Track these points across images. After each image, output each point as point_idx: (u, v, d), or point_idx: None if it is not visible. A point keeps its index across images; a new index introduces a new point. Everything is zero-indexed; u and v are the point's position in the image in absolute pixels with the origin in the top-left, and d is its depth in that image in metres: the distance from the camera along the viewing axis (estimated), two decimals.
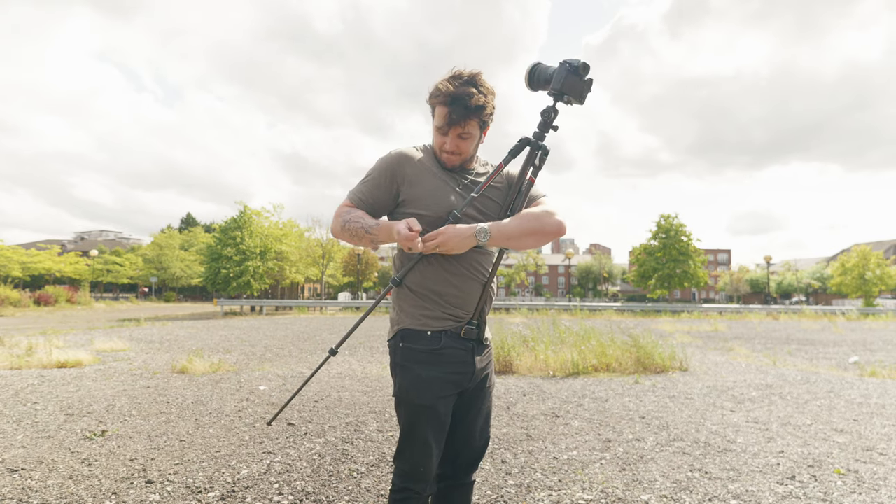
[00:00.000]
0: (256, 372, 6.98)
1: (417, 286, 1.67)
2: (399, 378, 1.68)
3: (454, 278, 1.66)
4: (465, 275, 1.67)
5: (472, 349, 1.71)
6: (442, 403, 1.65)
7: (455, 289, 1.66)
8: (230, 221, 32.38)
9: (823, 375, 7.19)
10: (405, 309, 1.70)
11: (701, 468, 3.26)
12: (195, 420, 4.38)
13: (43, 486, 2.91)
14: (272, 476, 3.10)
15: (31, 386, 5.82)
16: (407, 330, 1.67)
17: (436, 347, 1.64)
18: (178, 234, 60.03)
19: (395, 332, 1.71)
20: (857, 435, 4.09)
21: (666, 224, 39.53)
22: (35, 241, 72.20)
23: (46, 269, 52.19)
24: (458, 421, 1.76)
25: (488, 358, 1.83)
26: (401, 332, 1.69)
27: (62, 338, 11.26)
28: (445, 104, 1.60)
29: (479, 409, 1.80)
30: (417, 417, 1.64)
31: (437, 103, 1.63)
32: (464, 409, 1.77)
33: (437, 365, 1.64)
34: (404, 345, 1.67)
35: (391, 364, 1.73)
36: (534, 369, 7.01)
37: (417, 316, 1.66)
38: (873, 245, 74.28)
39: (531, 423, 4.35)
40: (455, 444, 1.79)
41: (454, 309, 1.67)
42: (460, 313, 1.68)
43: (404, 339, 1.67)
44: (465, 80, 1.62)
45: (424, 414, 1.63)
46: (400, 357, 1.68)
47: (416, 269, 1.67)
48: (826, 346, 11.91)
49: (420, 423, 1.63)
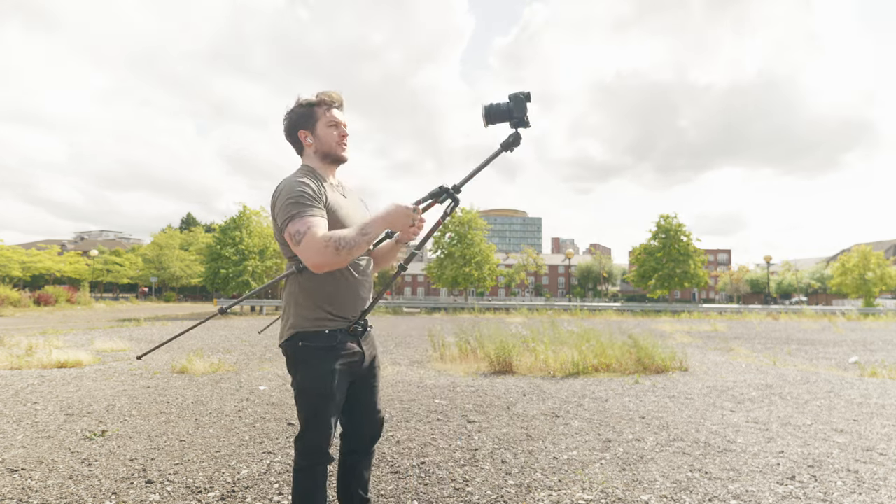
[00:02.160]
0: (256, 372, 6.98)
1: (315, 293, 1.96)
2: (301, 372, 1.94)
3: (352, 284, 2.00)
4: (361, 281, 2.02)
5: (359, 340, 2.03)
6: (339, 390, 1.94)
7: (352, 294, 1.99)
8: (230, 221, 32.38)
9: (823, 375, 7.19)
10: (302, 313, 1.95)
11: (701, 468, 3.26)
12: (195, 420, 4.38)
13: (43, 486, 2.91)
14: (272, 476, 3.10)
15: (31, 386, 5.82)
16: (305, 332, 1.93)
17: (333, 344, 1.93)
18: (178, 233, 59.99)
19: (291, 333, 1.94)
20: (857, 435, 4.08)
21: (665, 224, 39.52)
22: (35, 241, 72.20)
23: (46, 269, 52.17)
24: (356, 401, 2.07)
25: (372, 341, 2.13)
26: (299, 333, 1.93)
27: (62, 338, 11.26)
28: (332, 105, 2.01)
29: (372, 387, 2.11)
30: (323, 403, 1.91)
31: (329, 106, 2.00)
32: (360, 391, 2.07)
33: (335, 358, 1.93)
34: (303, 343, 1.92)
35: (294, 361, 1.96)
36: (534, 369, 7.01)
37: (313, 319, 1.93)
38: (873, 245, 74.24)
39: (531, 423, 4.35)
40: (357, 420, 2.11)
41: (348, 312, 1.98)
42: (350, 316, 1.98)
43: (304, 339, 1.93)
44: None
45: (327, 400, 1.91)
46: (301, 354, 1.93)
47: (320, 276, 1.91)
48: (826, 346, 11.91)
49: (323, 409, 1.91)
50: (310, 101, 1.99)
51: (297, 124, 2.00)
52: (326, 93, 2.00)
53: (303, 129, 2.00)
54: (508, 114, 1.91)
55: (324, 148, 1.99)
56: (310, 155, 2.02)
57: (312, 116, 1.99)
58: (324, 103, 1.99)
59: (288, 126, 2.02)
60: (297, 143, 2.04)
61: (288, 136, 2.04)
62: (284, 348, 1.96)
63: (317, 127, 1.99)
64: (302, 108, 1.99)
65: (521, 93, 1.91)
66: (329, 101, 2.00)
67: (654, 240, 39.81)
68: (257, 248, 31.98)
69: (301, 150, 2.04)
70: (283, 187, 1.86)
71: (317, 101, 1.99)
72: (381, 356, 8.80)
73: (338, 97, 2.02)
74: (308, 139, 2.00)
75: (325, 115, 1.99)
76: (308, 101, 1.99)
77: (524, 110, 1.90)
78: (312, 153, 2.01)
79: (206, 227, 68.55)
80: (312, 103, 1.99)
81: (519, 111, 1.90)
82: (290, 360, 1.96)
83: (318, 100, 1.99)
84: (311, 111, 1.99)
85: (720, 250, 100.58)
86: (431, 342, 8.98)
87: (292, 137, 2.03)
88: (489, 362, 7.24)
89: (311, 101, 1.99)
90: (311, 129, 1.99)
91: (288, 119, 2.01)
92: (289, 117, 2.01)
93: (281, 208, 1.82)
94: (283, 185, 1.87)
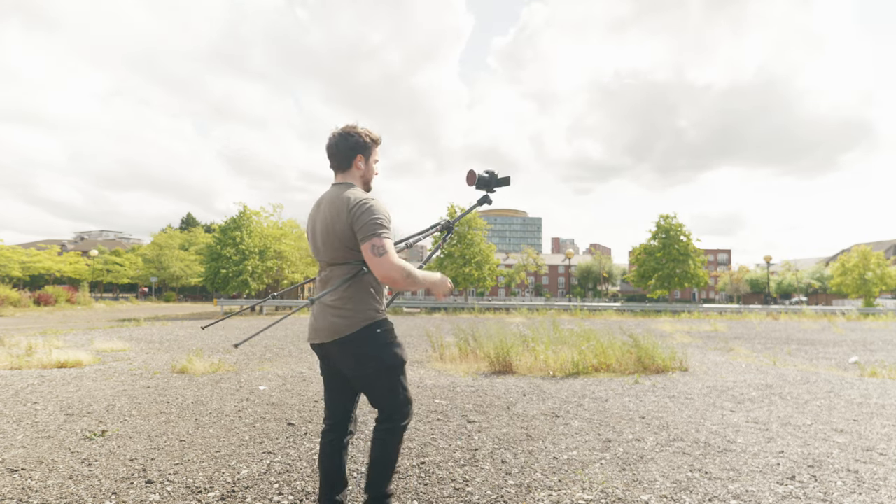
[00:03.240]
0: (256, 372, 6.98)
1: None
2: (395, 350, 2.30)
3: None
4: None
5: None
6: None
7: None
8: (230, 221, 32.37)
9: (823, 375, 7.19)
10: (371, 306, 2.28)
11: (701, 468, 3.26)
12: (195, 420, 4.38)
13: (43, 486, 2.91)
14: (272, 476, 3.10)
15: (31, 386, 5.82)
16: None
17: (392, 328, 2.35)
18: (178, 233, 59.97)
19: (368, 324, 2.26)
20: (857, 435, 4.08)
21: (665, 224, 39.51)
22: (35, 241, 72.18)
23: (46, 269, 52.16)
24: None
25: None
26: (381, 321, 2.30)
27: (62, 338, 11.26)
28: (379, 145, 2.43)
29: None
30: (404, 372, 2.35)
31: (378, 146, 2.41)
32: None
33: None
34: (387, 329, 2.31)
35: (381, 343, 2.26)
36: (534, 369, 7.01)
37: (377, 310, 2.29)
38: (873, 245, 74.25)
39: (531, 423, 4.35)
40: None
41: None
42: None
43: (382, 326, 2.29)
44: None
45: (405, 370, 2.36)
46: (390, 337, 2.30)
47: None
48: (826, 346, 11.91)
49: (405, 377, 2.36)
50: (373, 137, 2.36)
51: (358, 149, 2.31)
52: (377, 134, 2.41)
53: (361, 155, 2.33)
54: (488, 186, 2.62)
55: (367, 177, 2.37)
56: (355, 177, 2.33)
57: (370, 149, 2.35)
58: (378, 143, 2.40)
59: (349, 146, 2.30)
60: (347, 163, 2.32)
61: (343, 153, 2.31)
62: (358, 337, 2.20)
63: (370, 159, 2.36)
64: (367, 139, 2.33)
65: (505, 178, 2.63)
66: (380, 141, 2.42)
67: (653, 240, 39.80)
68: (257, 249, 31.96)
69: (347, 168, 2.32)
70: (371, 204, 2.16)
71: (376, 139, 2.39)
72: None
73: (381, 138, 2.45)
74: (360, 164, 2.33)
75: (376, 151, 2.40)
76: (372, 136, 2.36)
77: (497, 186, 2.64)
78: (358, 177, 2.34)
79: (206, 227, 68.54)
80: (374, 139, 2.37)
81: (496, 186, 2.63)
82: (369, 346, 2.22)
83: (377, 138, 2.39)
84: (371, 145, 2.35)
85: (720, 250, 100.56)
86: (431, 342, 8.98)
87: (346, 156, 2.31)
88: (489, 362, 7.24)
89: (374, 138, 2.37)
90: (366, 157, 2.35)
91: (353, 140, 2.30)
92: (355, 140, 2.30)
93: (368, 223, 2.12)
94: (370, 202, 2.17)
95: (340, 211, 2.17)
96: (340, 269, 2.23)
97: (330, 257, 2.24)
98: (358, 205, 2.14)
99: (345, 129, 2.32)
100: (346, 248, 2.19)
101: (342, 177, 2.32)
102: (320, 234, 2.26)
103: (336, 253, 2.22)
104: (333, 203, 2.22)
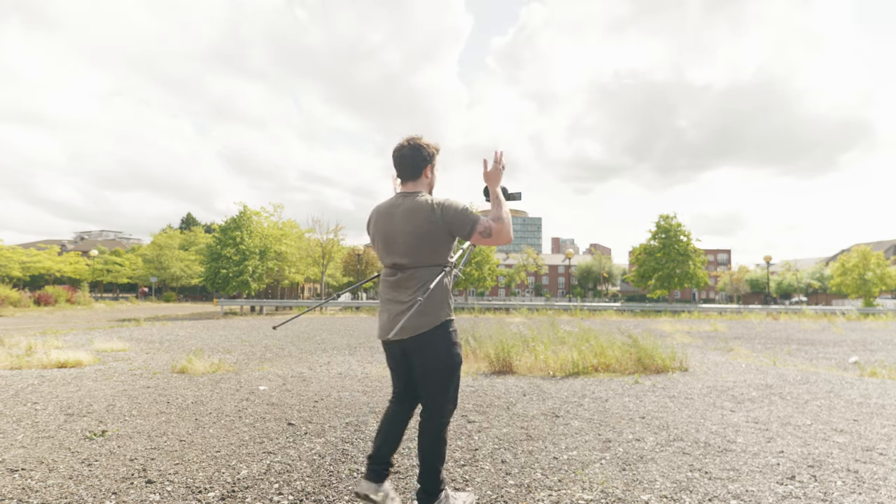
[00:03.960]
0: (256, 372, 6.98)
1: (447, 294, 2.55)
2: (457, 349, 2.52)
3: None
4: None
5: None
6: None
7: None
8: (230, 221, 32.36)
9: (823, 375, 7.19)
10: (448, 304, 2.51)
11: (701, 468, 3.26)
12: (195, 420, 4.38)
13: (43, 486, 2.91)
14: (272, 476, 3.10)
15: (31, 386, 5.82)
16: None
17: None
18: (177, 233, 59.95)
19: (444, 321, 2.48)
20: (857, 435, 4.08)
21: (665, 224, 39.52)
22: (35, 241, 72.15)
23: (46, 269, 52.17)
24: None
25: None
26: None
27: (62, 338, 11.26)
28: (439, 153, 2.66)
29: None
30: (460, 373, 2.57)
31: (438, 154, 2.63)
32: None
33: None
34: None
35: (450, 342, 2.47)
36: (534, 369, 7.01)
37: (450, 309, 2.52)
38: (873, 245, 74.24)
39: (531, 423, 4.35)
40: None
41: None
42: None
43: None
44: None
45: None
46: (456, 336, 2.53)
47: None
48: (826, 346, 11.91)
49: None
50: (437, 148, 2.63)
51: (428, 160, 2.57)
52: (438, 145, 2.66)
53: (430, 166, 2.58)
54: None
55: (432, 184, 2.63)
56: (423, 185, 2.58)
57: (434, 159, 2.62)
58: (438, 152, 2.65)
59: (423, 157, 2.54)
60: (418, 173, 2.56)
61: (415, 163, 2.54)
62: (433, 334, 2.42)
63: (435, 169, 2.64)
64: (432, 149, 2.59)
65: (516, 193, 2.89)
66: (440, 150, 2.68)
67: (653, 240, 39.81)
68: (258, 249, 31.96)
69: (416, 178, 2.56)
70: (451, 201, 2.44)
71: (438, 149, 2.64)
72: (381, 356, 8.81)
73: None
74: (428, 174, 2.59)
75: (438, 163, 2.67)
76: (436, 147, 2.62)
77: (508, 200, 2.82)
78: (426, 185, 2.58)
79: (206, 227, 68.53)
80: (437, 150, 2.63)
81: (507, 200, 2.79)
82: (441, 343, 2.44)
83: (439, 148, 2.65)
84: (435, 155, 2.62)
85: (720, 250, 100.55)
86: None
87: (418, 167, 2.55)
88: (489, 362, 7.24)
89: (437, 148, 2.63)
90: (433, 168, 2.61)
91: (426, 152, 2.55)
92: (425, 152, 2.55)
93: (463, 218, 2.41)
94: (448, 200, 2.45)
95: (427, 217, 2.40)
96: (424, 272, 2.43)
97: (413, 261, 2.44)
98: (444, 207, 2.41)
99: (414, 142, 2.54)
100: (432, 251, 2.44)
101: (413, 186, 2.55)
102: (408, 238, 2.43)
103: (422, 257, 2.43)
104: (415, 211, 2.43)
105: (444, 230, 2.40)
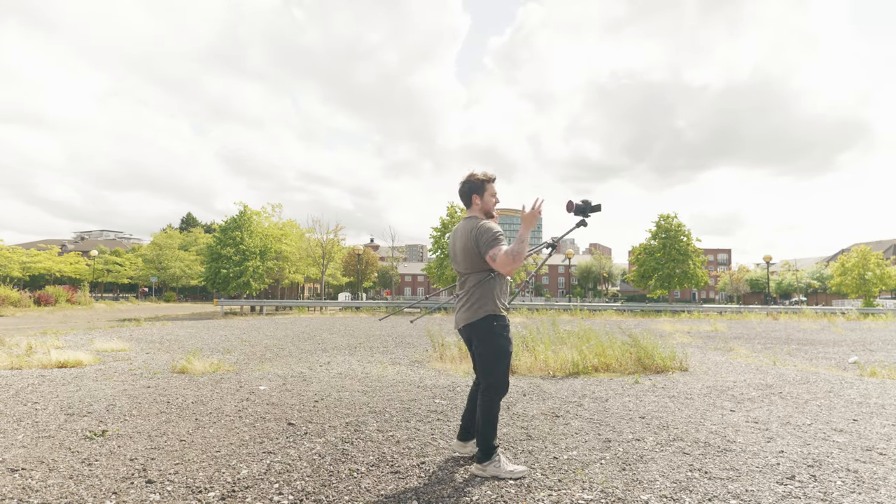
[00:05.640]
0: (256, 372, 6.98)
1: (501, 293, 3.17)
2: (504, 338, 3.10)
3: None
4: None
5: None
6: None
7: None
8: (230, 221, 32.36)
9: (823, 375, 7.19)
10: (494, 302, 3.11)
11: (701, 468, 3.26)
12: (195, 420, 4.38)
13: (43, 486, 2.91)
14: (272, 476, 3.10)
15: (31, 386, 5.82)
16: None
17: (508, 324, 3.18)
18: (177, 234, 59.95)
19: (486, 315, 3.08)
20: (857, 435, 4.09)
21: (665, 224, 39.51)
22: (35, 241, 72.16)
23: (46, 269, 52.17)
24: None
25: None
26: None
27: (62, 338, 11.26)
28: (494, 181, 3.24)
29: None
30: (508, 358, 3.12)
31: (492, 182, 3.22)
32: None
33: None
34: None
35: (493, 332, 3.06)
36: (534, 369, 7.01)
37: (498, 307, 3.12)
38: (873, 245, 74.26)
39: (531, 423, 4.35)
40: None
41: (505, 303, 3.22)
42: (507, 305, 3.24)
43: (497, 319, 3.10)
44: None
45: (510, 357, 3.13)
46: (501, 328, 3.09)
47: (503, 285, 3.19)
48: (826, 345, 11.91)
49: (508, 362, 3.13)
50: (485, 177, 3.17)
51: (473, 190, 3.17)
52: (490, 173, 3.20)
53: (476, 194, 3.17)
54: (583, 212, 3.32)
55: (485, 209, 3.18)
56: (475, 210, 3.18)
57: (482, 187, 3.17)
58: (490, 180, 3.19)
59: (467, 190, 3.18)
60: (469, 201, 3.20)
61: (465, 195, 3.20)
62: (479, 324, 3.05)
63: (484, 195, 3.18)
64: (478, 180, 3.16)
65: (597, 205, 3.31)
66: (493, 178, 3.21)
67: (653, 240, 39.81)
68: (258, 249, 31.95)
69: (469, 205, 3.20)
70: (487, 227, 3.01)
71: (489, 178, 3.18)
72: (381, 356, 8.84)
73: (494, 175, 3.22)
74: (477, 201, 3.18)
75: (490, 187, 3.19)
76: (484, 176, 3.17)
77: (591, 212, 3.33)
78: (478, 210, 3.17)
79: (206, 228, 68.55)
80: (486, 178, 3.17)
81: (590, 212, 3.33)
82: (485, 333, 3.05)
83: (487, 177, 3.18)
84: (482, 184, 3.17)
85: (720, 250, 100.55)
86: (432, 342, 8.98)
87: (467, 197, 3.19)
88: None
89: (486, 178, 3.17)
90: (480, 195, 3.17)
91: (469, 185, 3.18)
92: (470, 184, 3.17)
93: (484, 242, 2.98)
94: (482, 226, 3.02)
95: (468, 237, 3.07)
96: (473, 277, 3.10)
97: (466, 269, 3.13)
98: (477, 231, 3.04)
99: (465, 177, 3.19)
100: (475, 262, 3.07)
101: (469, 211, 3.20)
102: (460, 252, 3.13)
103: (470, 266, 3.10)
104: (465, 232, 3.11)
105: (477, 248, 3.03)
